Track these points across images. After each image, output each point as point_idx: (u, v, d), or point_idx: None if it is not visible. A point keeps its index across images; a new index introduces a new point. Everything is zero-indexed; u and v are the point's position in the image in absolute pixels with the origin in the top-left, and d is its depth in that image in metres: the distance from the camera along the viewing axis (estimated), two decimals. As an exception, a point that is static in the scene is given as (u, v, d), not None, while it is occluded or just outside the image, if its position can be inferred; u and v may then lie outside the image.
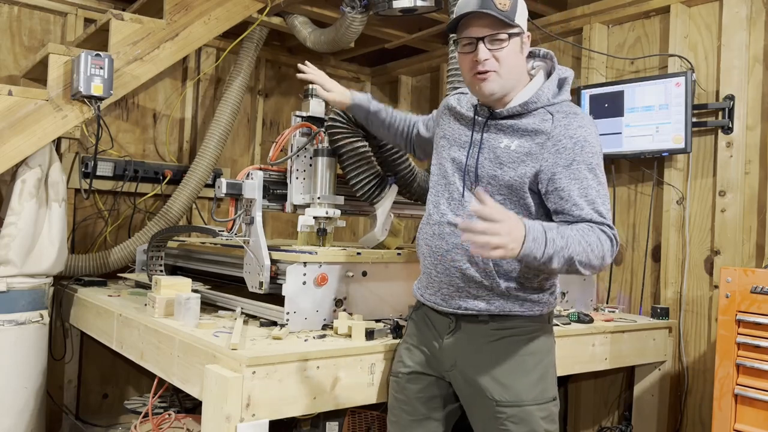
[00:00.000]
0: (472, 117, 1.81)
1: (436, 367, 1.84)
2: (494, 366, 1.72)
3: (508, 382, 1.70)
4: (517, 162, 1.68)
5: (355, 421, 2.56)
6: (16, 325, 2.73)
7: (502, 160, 1.70)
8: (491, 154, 1.72)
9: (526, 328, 1.75)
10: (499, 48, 1.66)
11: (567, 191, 1.63)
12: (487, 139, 1.75)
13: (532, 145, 1.67)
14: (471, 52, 1.68)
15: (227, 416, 1.71)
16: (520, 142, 1.69)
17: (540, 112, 1.70)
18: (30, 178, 2.78)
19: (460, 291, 1.75)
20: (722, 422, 2.27)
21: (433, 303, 1.82)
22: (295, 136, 2.68)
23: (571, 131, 1.65)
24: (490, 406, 1.71)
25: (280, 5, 3.41)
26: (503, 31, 1.65)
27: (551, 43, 3.55)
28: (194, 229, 3.28)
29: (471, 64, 1.69)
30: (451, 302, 1.77)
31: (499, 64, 1.67)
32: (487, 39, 1.65)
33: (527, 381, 1.71)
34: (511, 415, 1.68)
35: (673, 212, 3.00)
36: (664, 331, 2.88)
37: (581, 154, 1.64)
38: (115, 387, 3.67)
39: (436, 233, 1.78)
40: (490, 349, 1.74)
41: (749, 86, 2.79)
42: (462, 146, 1.80)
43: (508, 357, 1.72)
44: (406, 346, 1.93)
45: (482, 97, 1.74)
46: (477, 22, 1.65)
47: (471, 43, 1.68)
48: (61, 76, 2.82)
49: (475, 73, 1.68)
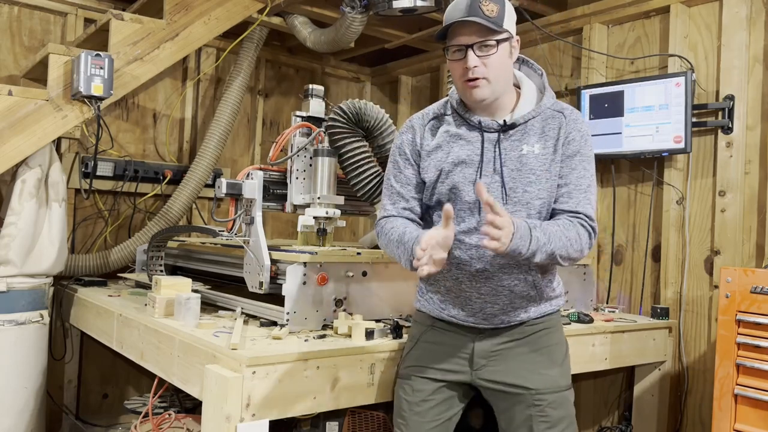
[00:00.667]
0: (477, 135, 1.76)
1: (461, 371, 1.83)
2: (530, 359, 1.80)
3: (544, 371, 1.79)
4: (548, 162, 1.72)
5: (355, 421, 2.56)
6: (16, 325, 2.73)
7: (532, 167, 1.71)
8: (516, 164, 1.72)
9: (551, 321, 1.85)
10: (488, 55, 1.67)
11: (565, 179, 1.73)
12: (504, 151, 1.74)
13: (552, 142, 1.74)
14: (461, 59, 1.69)
15: (227, 416, 1.71)
16: (541, 143, 1.74)
17: (547, 113, 1.77)
18: (30, 178, 2.78)
19: (504, 308, 1.78)
20: (722, 422, 2.27)
21: (472, 323, 1.80)
22: (295, 136, 2.68)
23: (578, 125, 1.77)
24: (529, 395, 1.77)
25: (280, 5, 3.41)
26: (492, 38, 1.66)
27: (551, 43, 3.55)
28: (194, 229, 3.28)
29: (461, 72, 1.70)
30: (494, 320, 1.79)
31: (488, 70, 1.68)
32: (476, 46, 1.66)
33: (559, 369, 1.82)
34: (552, 401, 1.77)
35: (673, 212, 3.00)
36: (664, 331, 2.88)
37: (584, 147, 1.76)
38: (115, 387, 3.67)
39: (475, 257, 1.74)
40: (524, 344, 1.81)
41: (749, 86, 2.79)
42: (472, 165, 1.74)
43: (541, 349, 1.81)
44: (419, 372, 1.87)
45: (474, 103, 1.75)
46: (466, 29, 1.66)
47: (460, 50, 1.69)
48: (61, 76, 2.82)
49: (466, 80, 1.70)
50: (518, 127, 1.75)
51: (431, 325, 1.88)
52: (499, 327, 1.80)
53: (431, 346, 1.87)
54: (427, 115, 1.87)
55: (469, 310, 1.79)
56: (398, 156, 1.87)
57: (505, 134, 1.75)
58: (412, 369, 1.88)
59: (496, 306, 1.77)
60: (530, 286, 1.76)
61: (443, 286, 1.82)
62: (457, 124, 1.80)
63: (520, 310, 1.79)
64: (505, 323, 1.79)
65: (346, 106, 2.58)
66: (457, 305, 1.81)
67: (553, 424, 1.75)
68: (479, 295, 1.77)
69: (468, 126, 1.78)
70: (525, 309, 1.79)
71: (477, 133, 1.76)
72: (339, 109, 2.58)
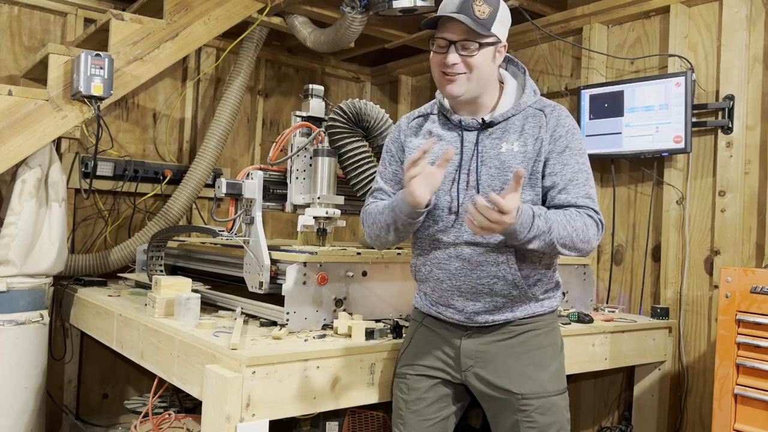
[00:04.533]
0: (456, 134, 1.77)
1: (450, 369, 1.83)
2: (516, 361, 1.77)
3: (531, 375, 1.75)
4: (527, 161, 1.71)
5: (355, 421, 2.56)
6: (16, 325, 2.73)
7: (511, 165, 1.70)
8: (495, 162, 1.72)
9: (542, 323, 1.81)
10: (469, 55, 1.67)
11: (560, 175, 1.71)
12: (483, 149, 1.74)
13: (532, 141, 1.72)
14: (442, 53, 1.70)
15: (227, 416, 1.71)
16: (521, 141, 1.72)
17: (528, 111, 1.76)
18: (30, 178, 2.78)
19: (487, 306, 1.76)
20: (722, 422, 2.27)
21: (457, 321, 1.80)
22: (295, 136, 2.68)
23: (562, 121, 1.75)
24: (514, 399, 1.74)
25: (280, 5, 3.41)
26: (476, 40, 1.67)
27: (551, 43, 3.55)
28: (194, 229, 3.28)
29: (440, 65, 1.71)
30: (477, 318, 1.77)
31: (467, 68, 1.69)
32: (459, 44, 1.67)
33: (548, 372, 1.77)
34: (538, 406, 1.73)
35: (673, 212, 3.00)
36: (664, 331, 2.88)
37: (573, 141, 1.74)
38: (115, 387, 3.67)
39: (452, 256, 1.75)
40: (510, 346, 1.78)
41: (749, 86, 2.79)
42: (451, 164, 1.74)
43: (529, 351, 1.78)
44: (412, 369, 1.87)
45: (449, 98, 1.77)
46: (454, 25, 1.67)
47: (444, 45, 1.69)
48: (61, 76, 2.82)
49: (443, 73, 1.71)
50: (498, 125, 1.74)
51: (422, 322, 1.90)
52: (484, 326, 1.78)
53: (423, 343, 1.88)
54: (413, 114, 1.90)
55: (454, 308, 1.79)
56: (385, 153, 1.91)
57: (485, 132, 1.74)
58: (407, 367, 1.88)
59: (477, 304, 1.76)
60: (510, 285, 1.73)
61: (429, 286, 1.83)
62: (440, 124, 1.82)
63: (504, 310, 1.76)
64: (489, 322, 1.77)
65: (346, 106, 2.58)
66: (442, 303, 1.81)
67: (540, 430, 1.73)
68: (460, 293, 1.76)
69: (450, 125, 1.80)
70: (510, 308, 1.76)
71: (456, 133, 1.77)
72: (339, 109, 2.59)
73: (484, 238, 1.70)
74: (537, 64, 3.64)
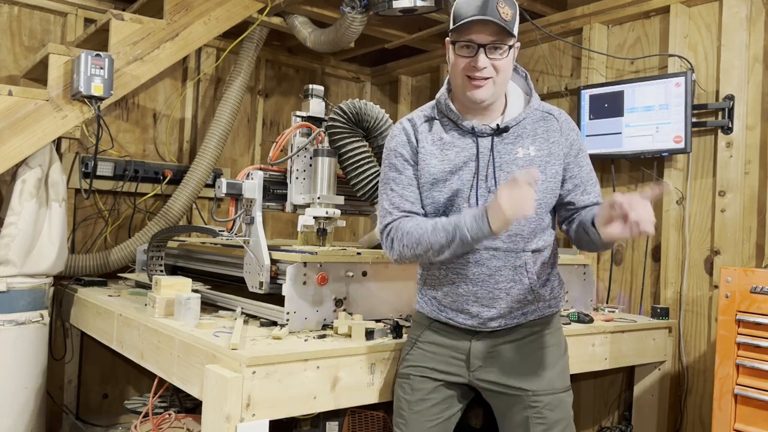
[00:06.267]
0: (470, 141, 1.75)
1: (457, 370, 1.83)
2: (526, 359, 1.80)
3: (540, 373, 1.79)
4: (544, 164, 1.74)
5: (355, 421, 2.56)
6: (16, 325, 2.73)
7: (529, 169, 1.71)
8: (512, 168, 1.72)
9: (548, 323, 1.85)
10: (498, 58, 1.66)
11: (579, 177, 1.79)
12: (498, 155, 1.73)
13: (548, 144, 1.76)
14: (469, 57, 1.67)
15: (227, 416, 1.71)
16: (536, 145, 1.74)
17: (536, 114, 1.79)
18: (30, 178, 2.78)
19: (502, 312, 1.77)
20: (722, 422, 2.27)
21: (469, 326, 1.79)
22: (295, 136, 2.68)
23: (571, 125, 1.82)
24: (525, 396, 1.77)
25: (280, 5, 3.41)
26: (505, 42, 1.66)
27: (551, 43, 3.55)
28: (194, 229, 3.28)
29: (468, 69, 1.68)
30: (491, 324, 1.78)
31: (496, 72, 1.68)
32: (488, 47, 1.65)
33: (556, 371, 1.81)
34: (548, 402, 1.76)
35: (673, 212, 3.00)
36: (664, 331, 2.88)
37: (582, 144, 1.84)
38: (115, 387, 3.67)
39: (470, 261, 1.74)
40: (519, 346, 1.81)
41: (749, 86, 2.79)
42: (469, 171, 1.73)
43: (537, 350, 1.81)
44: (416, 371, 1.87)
45: (472, 103, 1.73)
46: (481, 28, 1.64)
47: (471, 48, 1.66)
48: (61, 76, 2.82)
49: (471, 78, 1.68)
50: (511, 129, 1.75)
51: (428, 326, 1.88)
52: (496, 330, 1.80)
53: (429, 346, 1.86)
54: (418, 117, 1.83)
55: (467, 314, 1.79)
56: (395, 159, 1.80)
57: (499, 137, 1.74)
58: (411, 369, 1.88)
59: (492, 310, 1.76)
60: (527, 289, 1.75)
61: (441, 291, 1.81)
62: (447, 129, 1.78)
63: (517, 313, 1.78)
64: (502, 326, 1.79)
65: (346, 106, 2.58)
66: (454, 309, 1.80)
67: (549, 426, 1.75)
68: (476, 299, 1.76)
69: (460, 131, 1.77)
70: (522, 312, 1.79)
71: (470, 139, 1.75)
72: (339, 109, 2.59)
73: (503, 241, 1.72)
74: (537, 65, 3.64)
